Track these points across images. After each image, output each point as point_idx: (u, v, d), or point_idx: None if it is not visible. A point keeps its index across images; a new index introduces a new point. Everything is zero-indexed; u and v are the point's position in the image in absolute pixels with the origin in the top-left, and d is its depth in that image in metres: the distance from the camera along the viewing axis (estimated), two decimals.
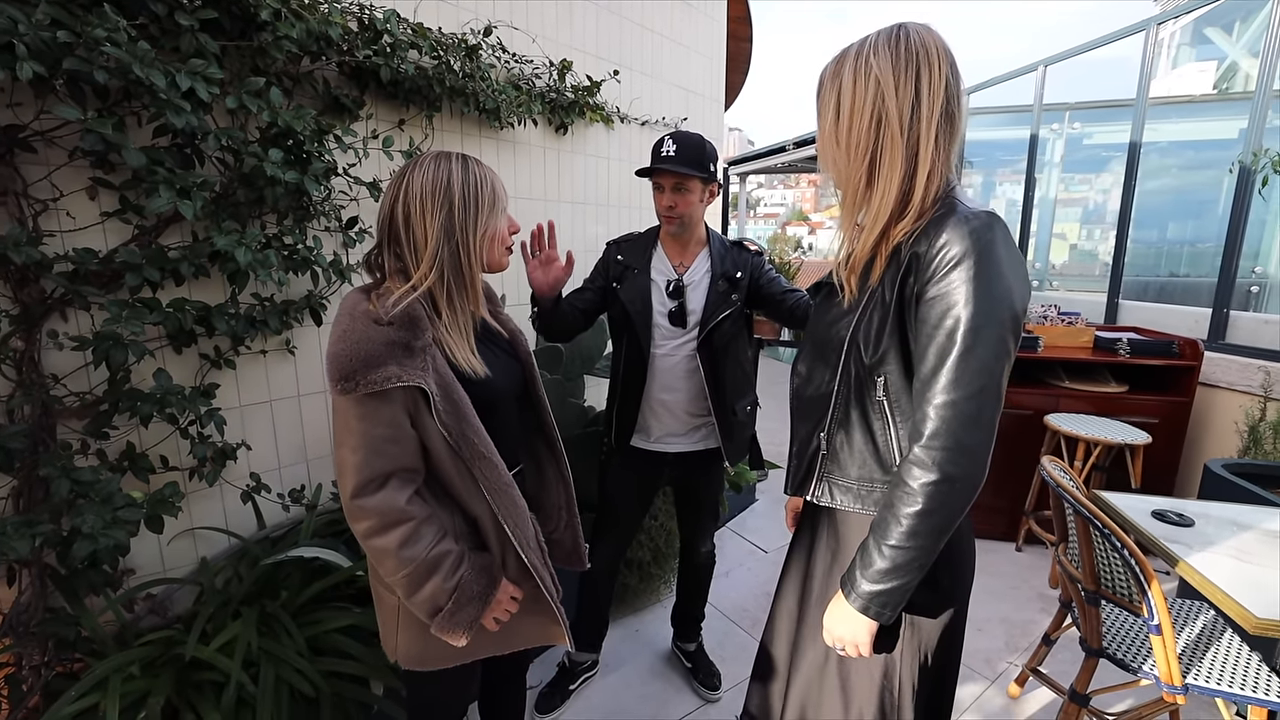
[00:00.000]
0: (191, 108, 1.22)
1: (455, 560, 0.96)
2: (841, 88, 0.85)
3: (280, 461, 1.69)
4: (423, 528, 0.93)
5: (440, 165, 0.96)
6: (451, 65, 1.78)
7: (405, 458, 0.92)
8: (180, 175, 1.24)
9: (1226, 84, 5.58)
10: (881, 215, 0.85)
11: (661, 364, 1.60)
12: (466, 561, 0.98)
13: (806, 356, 1.01)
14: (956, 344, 0.76)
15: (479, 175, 0.98)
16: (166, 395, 1.31)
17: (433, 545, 0.94)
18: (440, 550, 0.94)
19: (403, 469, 0.93)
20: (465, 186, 0.95)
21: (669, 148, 1.49)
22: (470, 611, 0.97)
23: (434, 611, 0.95)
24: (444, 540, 0.96)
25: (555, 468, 1.22)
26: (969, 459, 0.77)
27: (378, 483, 0.90)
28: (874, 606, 0.83)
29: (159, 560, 1.49)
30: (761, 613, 2.34)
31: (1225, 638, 1.52)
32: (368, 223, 1.70)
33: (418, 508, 0.94)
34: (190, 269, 1.32)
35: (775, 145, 7.00)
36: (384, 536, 0.91)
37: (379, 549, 0.91)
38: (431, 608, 0.95)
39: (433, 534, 0.94)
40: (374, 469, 0.89)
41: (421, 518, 0.93)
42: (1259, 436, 2.37)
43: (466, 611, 0.97)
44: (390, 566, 0.92)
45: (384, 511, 0.90)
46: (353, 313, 0.90)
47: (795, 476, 1.03)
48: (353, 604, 1.56)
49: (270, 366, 1.64)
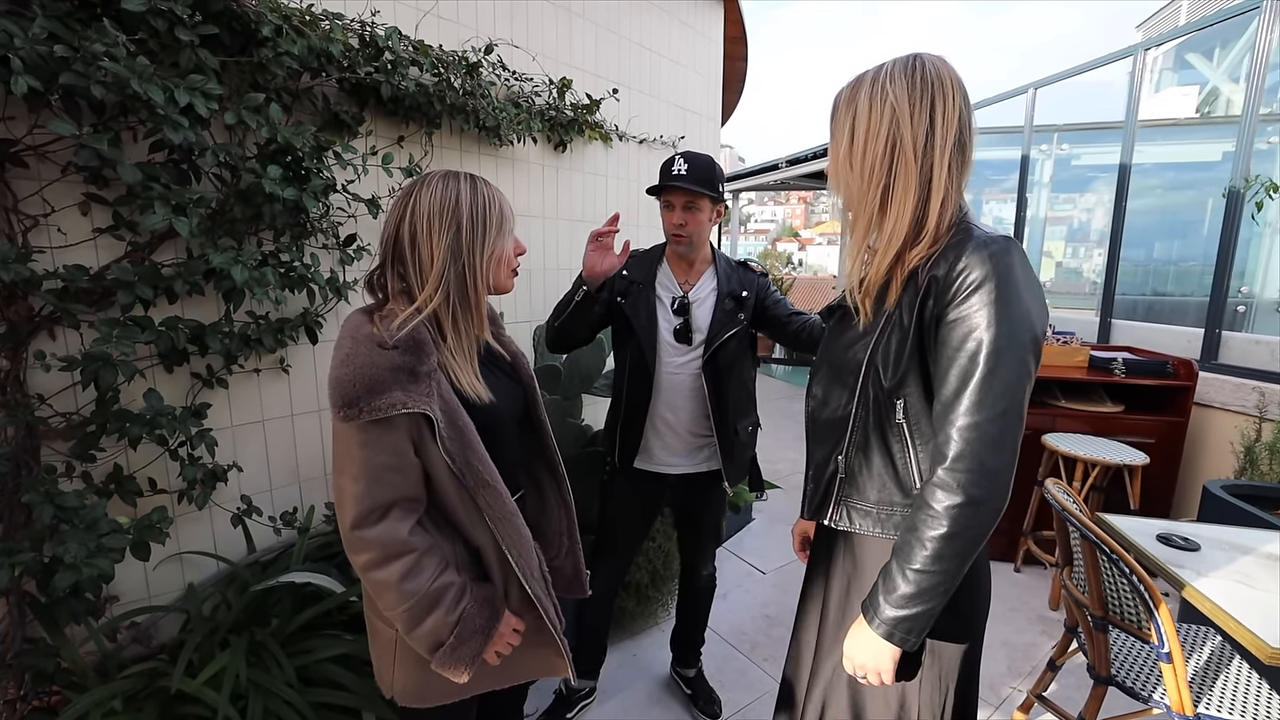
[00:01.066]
0: (189, 123, 1.19)
1: (457, 593, 0.93)
2: (857, 113, 0.86)
3: (272, 483, 1.65)
4: (425, 559, 0.90)
5: (449, 185, 0.94)
6: (452, 82, 1.77)
7: (408, 487, 0.89)
8: (176, 191, 1.22)
9: (1208, 108, 5.73)
10: (895, 239, 0.85)
11: (666, 381, 1.58)
12: (469, 594, 0.95)
13: (822, 379, 1.00)
14: (979, 366, 0.77)
15: (487, 195, 0.96)
16: (157, 416, 1.27)
17: (435, 577, 0.90)
18: (442, 582, 0.91)
19: (405, 498, 0.90)
20: (474, 207, 0.93)
21: (680, 167, 1.49)
22: (472, 646, 0.94)
23: (435, 646, 0.92)
24: (446, 572, 0.93)
25: (557, 493, 1.19)
26: (993, 481, 0.77)
27: (379, 513, 0.87)
28: (898, 632, 0.82)
29: (144, 586, 1.44)
30: (761, 635, 2.30)
31: (1234, 665, 1.51)
32: (366, 240, 1.68)
33: (420, 539, 0.90)
34: (184, 286, 1.29)
35: (769, 163, 7.07)
36: (385, 569, 0.87)
37: (379, 582, 0.88)
38: (433, 643, 0.91)
39: (435, 566, 0.91)
40: (375, 499, 0.86)
41: (423, 549, 0.90)
42: (1255, 457, 2.38)
43: (469, 646, 0.93)
44: (391, 600, 0.89)
45: (385, 543, 0.87)
46: (355, 335, 0.88)
47: (812, 501, 1.02)
48: (344, 631, 1.51)
49: (264, 385, 1.60)
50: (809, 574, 1.14)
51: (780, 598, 2.55)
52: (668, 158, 1.54)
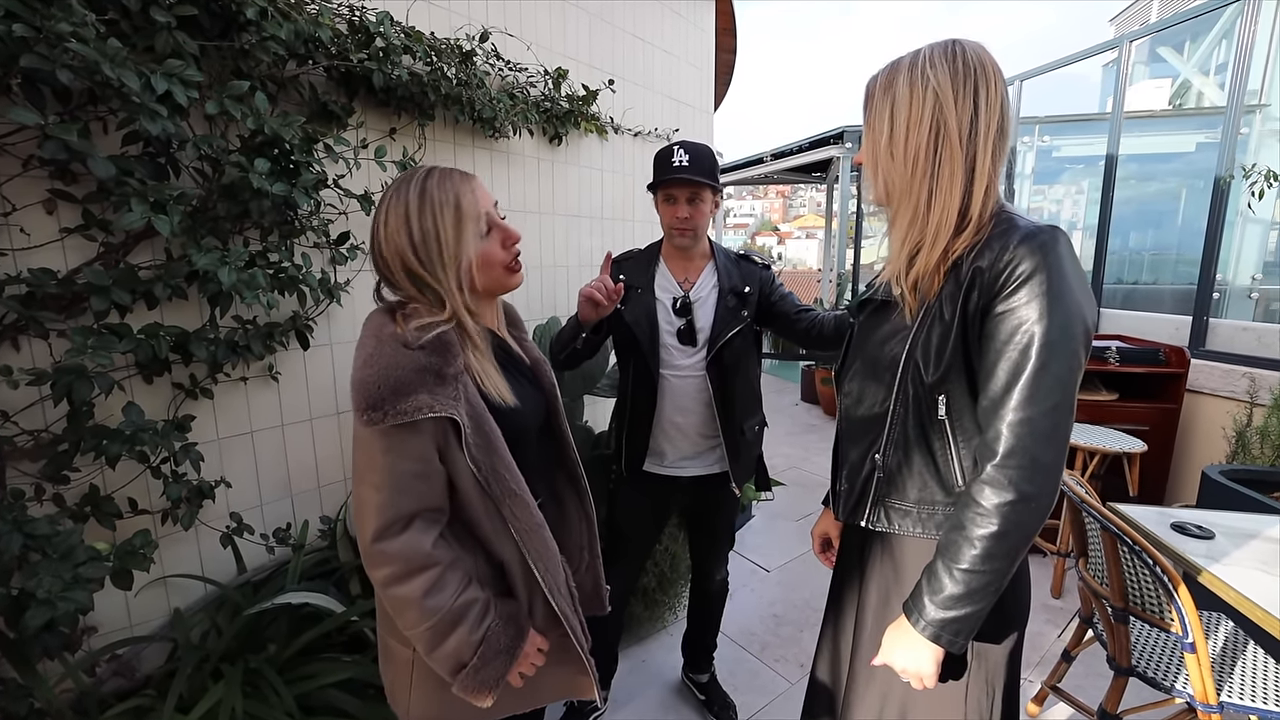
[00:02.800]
0: (168, 113, 1.09)
1: (481, 610, 0.87)
2: (896, 100, 0.83)
3: (263, 498, 1.55)
4: (448, 574, 0.84)
5: (400, 195, 0.86)
6: (446, 72, 1.69)
7: (432, 496, 0.84)
8: (154, 187, 1.11)
9: (1180, 100, 5.88)
10: (945, 230, 0.82)
11: (672, 385, 1.53)
12: (493, 611, 0.89)
13: (857, 375, 0.97)
14: (1031, 360, 0.74)
15: (438, 201, 0.85)
16: (138, 431, 1.17)
17: (459, 593, 0.84)
18: (466, 599, 0.85)
19: (429, 509, 0.84)
20: (422, 219, 0.85)
21: (681, 158, 1.43)
22: (497, 667, 0.87)
23: (458, 668, 0.85)
24: (470, 588, 0.86)
25: (578, 505, 1.13)
26: (1045, 476, 0.75)
27: (402, 524, 0.81)
28: (946, 634, 0.79)
29: (125, 615, 1.34)
30: (770, 635, 2.27)
31: (1250, 650, 1.51)
32: (359, 238, 1.58)
33: (443, 552, 0.85)
34: (165, 291, 1.19)
35: (753, 157, 7.05)
36: (407, 584, 0.81)
37: (401, 598, 0.81)
38: (455, 664, 0.85)
39: (458, 581, 0.85)
40: (399, 509, 0.81)
41: (446, 563, 0.84)
42: (1246, 441, 2.42)
43: (493, 667, 0.87)
44: (412, 618, 0.82)
45: (408, 557, 0.81)
46: (379, 335, 0.82)
47: (847, 502, 0.97)
48: (345, 653, 1.43)
49: (252, 395, 1.50)
50: (839, 577, 1.10)
51: (786, 595, 2.52)
52: (663, 149, 1.48)
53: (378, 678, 1.34)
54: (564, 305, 2.42)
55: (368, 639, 1.46)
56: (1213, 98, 5.73)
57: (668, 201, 1.49)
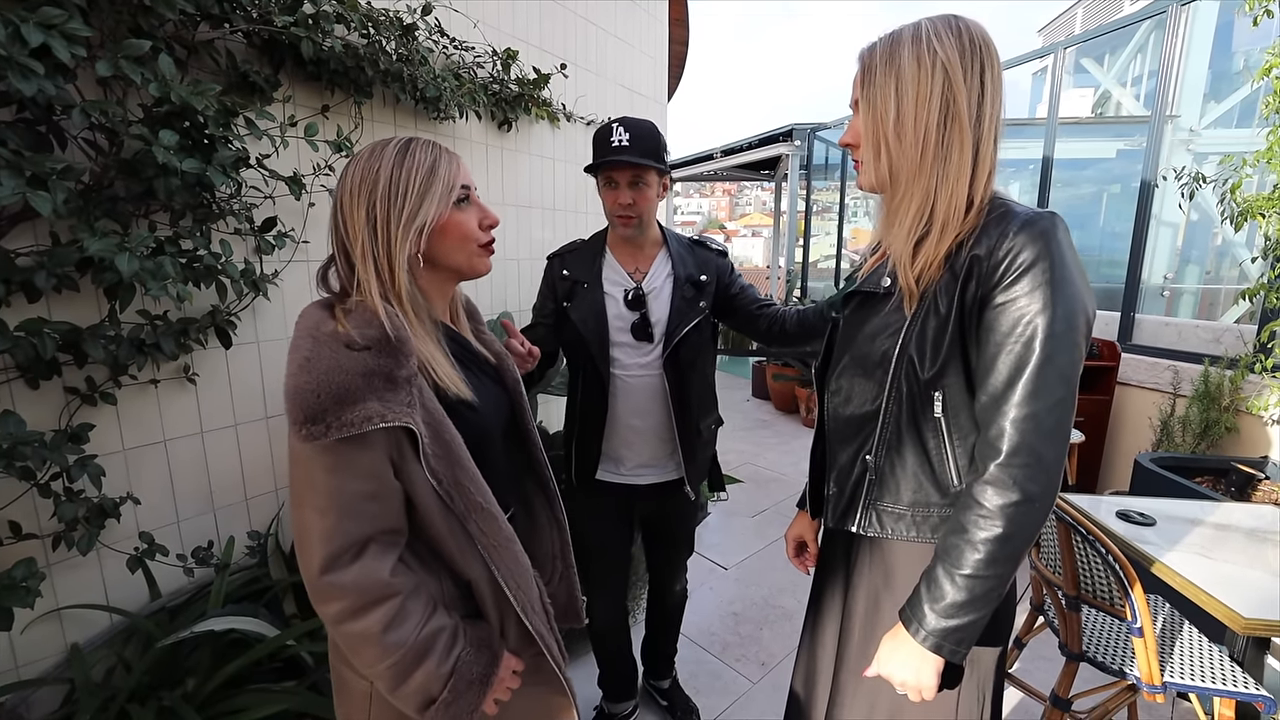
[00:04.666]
0: (46, 71, 0.93)
1: (449, 638, 0.77)
2: (902, 74, 0.77)
3: (179, 514, 1.38)
4: (409, 603, 0.74)
5: (375, 151, 0.78)
6: (384, 46, 1.55)
7: (387, 517, 0.73)
8: (32, 159, 0.95)
9: (1101, 108, 6.29)
10: (954, 219, 0.77)
11: (626, 386, 1.41)
12: (463, 638, 0.79)
13: (845, 372, 0.92)
14: (1035, 353, 0.71)
15: (419, 158, 0.79)
16: (18, 445, 1.01)
17: (423, 623, 0.74)
18: (432, 628, 0.75)
19: (383, 531, 0.73)
20: (394, 169, 0.77)
21: (621, 136, 1.30)
22: (470, 699, 0.78)
23: (426, 703, 0.76)
24: (435, 615, 0.77)
25: (548, 511, 1.04)
26: (1047, 475, 0.72)
27: (354, 551, 0.71)
28: (948, 644, 0.75)
29: (8, 656, 1.16)
30: (730, 635, 2.24)
31: (1185, 630, 1.58)
32: (288, 224, 1.43)
33: (403, 579, 0.74)
34: (50, 281, 1.02)
35: (703, 153, 7.05)
36: (363, 619, 0.70)
37: (356, 634, 0.71)
38: (423, 699, 0.76)
39: (421, 609, 0.75)
40: (348, 535, 0.70)
41: (408, 591, 0.74)
42: (1170, 430, 2.58)
43: (466, 699, 0.78)
44: (372, 655, 0.72)
45: (363, 588, 0.70)
46: (315, 334, 0.70)
47: (836, 507, 0.93)
48: (278, 680, 1.29)
49: (164, 399, 1.33)
50: (820, 583, 1.06)
51: (745, 593, 2.50)
52: (601, 128, 1.34)
53: (316, 707, 1.23)
54: (514, 300, 2.32)
55: (304, 663, 1.33)
56: (1130, 107, 6.17)
57: (608, 185, 1.36)
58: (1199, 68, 4.95)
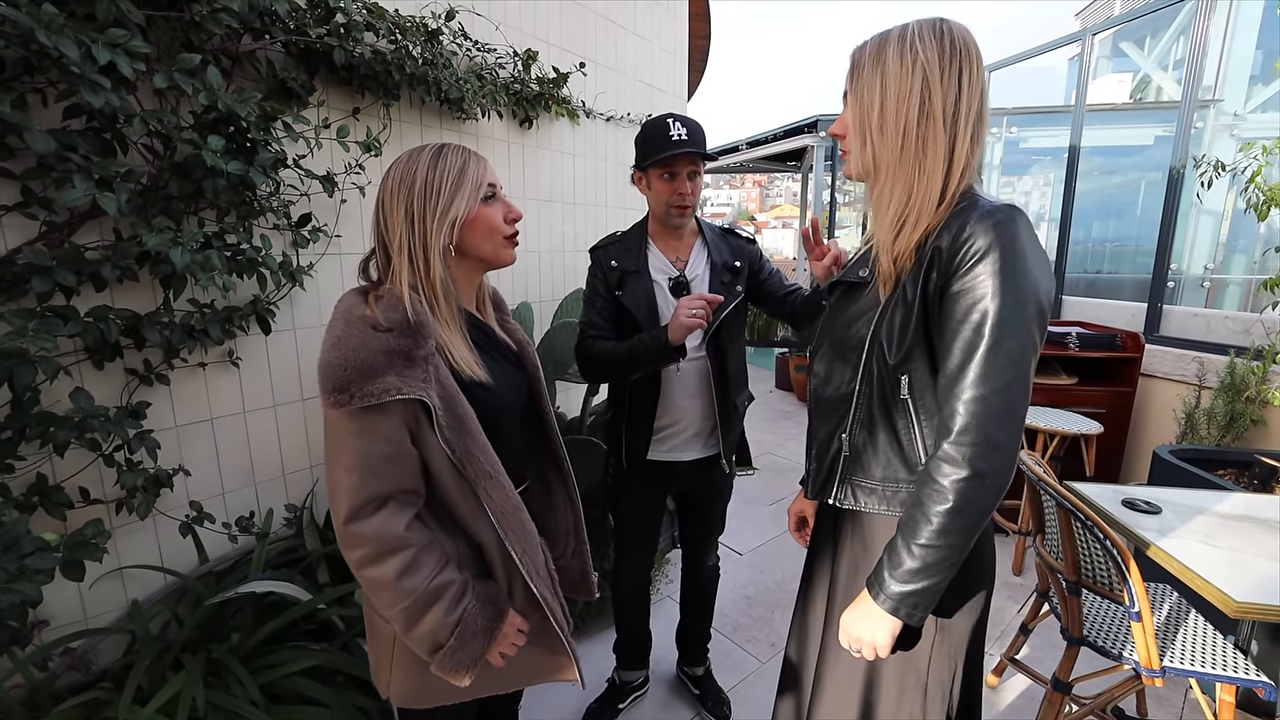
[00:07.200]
0: (111, 85, 1.05)
1: (458, 591, 0.87)
2: (886, 72, 0.82)
3: (224, 486, 1.51)
4: (423, 555, 0.84)
5: (414, 155, 0.90)
6: (411, 50, 1.65)
7: (404, 478, 0.84)
8: (100, 163, 1.07)
9: (1140, 94, 6.06)
10: (926, 210, 0.82)
11: (678, 368, 1.49)
12: (470, 592, 0.89)
13: (824, 356, 0.98)
14: (984, 338, 0.76)
15: (450, 160, 0.90)
16: (87, 418, 1.13)
17: (434, 575, 0.85)
18: (442, 580, 0.86)
19: (401, 490, 0.84)
20: (430, 170, 0.88)
21: (679, 131, 1.36)
22: (474, 648, 0.89)
23: (434, 648, 0.86)
24: (446, 569, 0.87)
25: (563, 490, 1.14)
26: (999, 454, 0.76)
27: (374, 506, 0.81)
28: (904, 607, 0.81)
29: (79, 607, 1.30)
30: (742, 617, 2.30)
31: (1191, 618, 1.59)
32: (322, 220, 1.54)
33: (417, 534, 0.85)
34: (114, 272, 1.14)
35: (728, 145, 7.04)
36: (380, 566, 0.81)
37: (375, 579, 0.82)
38: (432, 644, 0.86)
39: (434, 563, 0.85)
40: (371, 490, 0.81)
41: (421, 545, 0.85)
42: (1195, 423, 2.53)
43: (470, 648, 0.88)
44: (387, 599, 0.83)
45: (381, 539, 0.81)
46: (348, 317, 0.81)
47: (815, 480, 0.99)
48: (313, 640, 1.41)
49: (211, 381, 1.46)
50: (812, 554, 1.12)
51: (758, 578, 2.56)
52: (653, 123, 1.40)
53: (346, 665, 1.35)
54: (535, 290, 2.41)
55: (336, 627, 1.45)
56: (1171, 92, 5.93)
57: (667, 178, 1.41)
58: (1245, 50, 4.74)
